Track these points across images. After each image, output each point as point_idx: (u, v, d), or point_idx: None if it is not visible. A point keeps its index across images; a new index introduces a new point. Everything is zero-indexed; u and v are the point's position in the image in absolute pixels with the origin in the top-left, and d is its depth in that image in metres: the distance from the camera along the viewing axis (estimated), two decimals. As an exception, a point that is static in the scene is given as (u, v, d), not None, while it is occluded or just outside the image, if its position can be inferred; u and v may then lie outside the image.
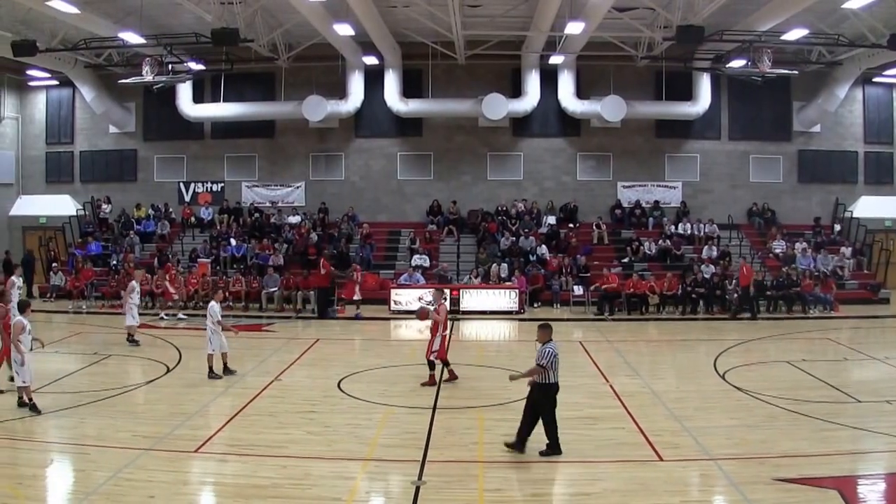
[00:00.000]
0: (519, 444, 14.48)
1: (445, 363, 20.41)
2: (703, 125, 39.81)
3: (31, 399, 17.43)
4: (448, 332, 20.89)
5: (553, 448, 14.34)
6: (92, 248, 38.57)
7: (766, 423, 16.23)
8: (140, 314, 27.04)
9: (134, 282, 27.00)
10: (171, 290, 32.41)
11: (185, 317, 30.25)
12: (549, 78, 38.55)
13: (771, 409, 17.34)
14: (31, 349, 17.90)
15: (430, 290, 29.36)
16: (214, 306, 21.32)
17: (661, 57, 35.83)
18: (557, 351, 14.59)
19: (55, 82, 42.31)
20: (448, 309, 21.13)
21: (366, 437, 15.72)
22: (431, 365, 20.08)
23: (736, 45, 31.61)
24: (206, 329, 21.08)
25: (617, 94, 37.18)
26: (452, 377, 20.33)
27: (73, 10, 27.80)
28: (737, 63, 32.36)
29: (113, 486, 12.88)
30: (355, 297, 32.09)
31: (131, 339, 25.70)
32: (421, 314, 21.10)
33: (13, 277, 26.05)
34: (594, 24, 30.18)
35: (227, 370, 21.07)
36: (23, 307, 18.64)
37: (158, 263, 35.34)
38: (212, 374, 20.70)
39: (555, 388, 14.46)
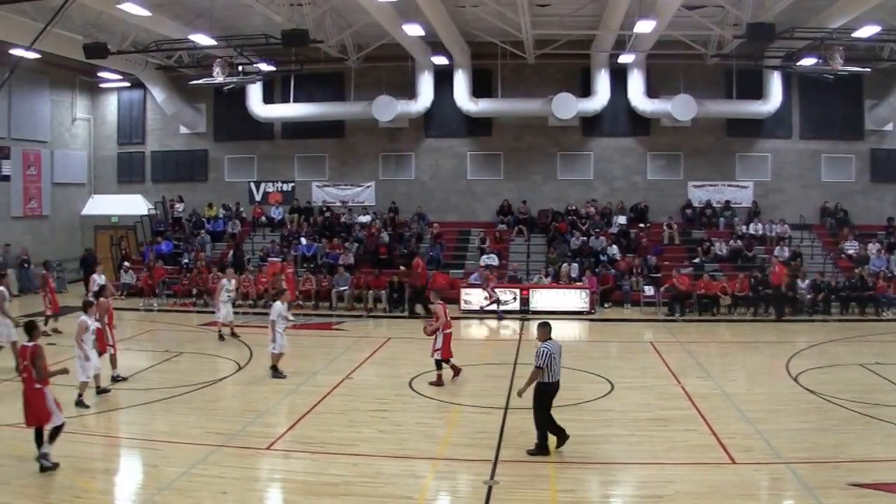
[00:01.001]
0: (561, 440, 14.71)
1: (446, 362, 20.60)
2: (773, 124, 39.20)
3: (81, 394, 17.93)
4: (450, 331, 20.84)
5: (541, 448, 14.55)
6: (163, 247, 39.17)
7: (839, 427, 16.09)
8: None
9: (224, 280, 27.41)
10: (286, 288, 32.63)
11: (293, 318, 30.43)
12: (619, 77, 38.29)
13: (844, 412, 17.19)
14: (94, 347, 18.41)
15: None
16: (278, 306, 21.65)
17: (732, 55, 35.33)
18: (555, 349, 14.70)
19: (126, 84, 43.15)
20: (446, 310, 21.17)
21: (437, 436, 15.91)
22: (438, 364, 20.31)
23: (807, 43, 31.19)
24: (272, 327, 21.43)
25: (687, 92, 36.83)
26: (456, 373, 20.66)
27: (144, 12, 28.17)
28: (808, 61, 31.88)
29: (186, 481, 13.19)
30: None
31: (228, 335, 26.54)
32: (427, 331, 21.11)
33: (94, 275, 26.48)
34: (664, 22, 29.94)
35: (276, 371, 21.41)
36: (86, 306, 19.06)
37: (232, 262, 35.73)
38: (276, 373, 21.06)
39: (550, 387, 14.60)
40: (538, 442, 14.56)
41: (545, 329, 15.05)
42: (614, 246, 36.58)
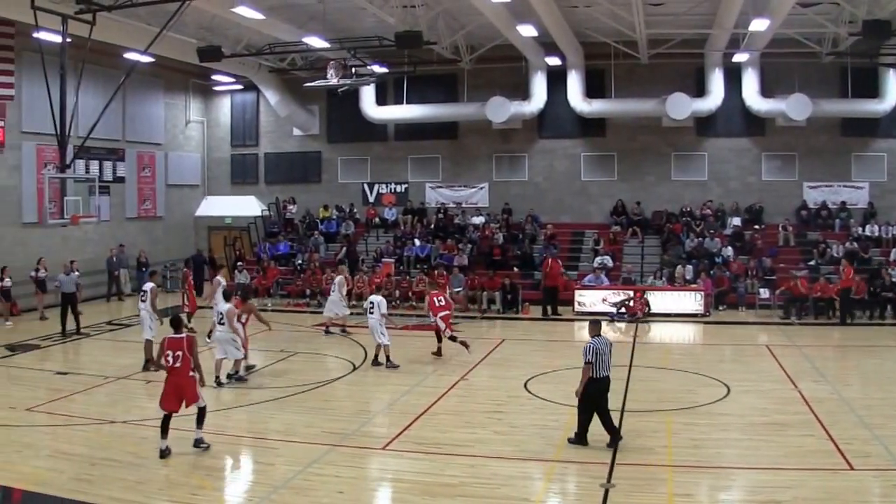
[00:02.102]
0: (582, 438, 15.27)
1: (439, 338, 23.85)
2: (889, 123, 37.96)
3: (238, 371, 20.39)
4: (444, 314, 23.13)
5: (580, 437, 15.14)
6: (280, 248, 40.02)
7: (960, 434, 15.82)
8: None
9: (340, 276, 27.99)
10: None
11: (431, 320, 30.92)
12: (733, 76, 37.79)
13: (966, 418, 16.89)
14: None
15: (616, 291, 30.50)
16: (383, 301, 22.97)
17: (847, 53, 34.65)
18: (601, 345, 15.07)
19: (239, 87, 44.37)
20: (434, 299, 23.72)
21: (553, 438, 15.94)
22: (451, 339, 22.90)
23: (924, 40, 30.73)
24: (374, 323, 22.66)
25: (802, 91, 36.12)
26: (439, 353, 23.91)
27: (257, 16, 28.55)
28: (924, 58, 31.46)
29: (302, 480, 13.54)
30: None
31: (324, 329, 27.66)
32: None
33: (218, 277, 27.18)
34: (778, 20, 29.50)
35: (377, 362, 22.63)
36: (228, 297, 20.85)
37: (348, 263, 36.25)
38: (389, 364, 22.21)
39: (596, 383, 15.00)
40: (577, 431, 15.25)
41: (595, 326, 15.61)
42: (729, 248, 36.24)
